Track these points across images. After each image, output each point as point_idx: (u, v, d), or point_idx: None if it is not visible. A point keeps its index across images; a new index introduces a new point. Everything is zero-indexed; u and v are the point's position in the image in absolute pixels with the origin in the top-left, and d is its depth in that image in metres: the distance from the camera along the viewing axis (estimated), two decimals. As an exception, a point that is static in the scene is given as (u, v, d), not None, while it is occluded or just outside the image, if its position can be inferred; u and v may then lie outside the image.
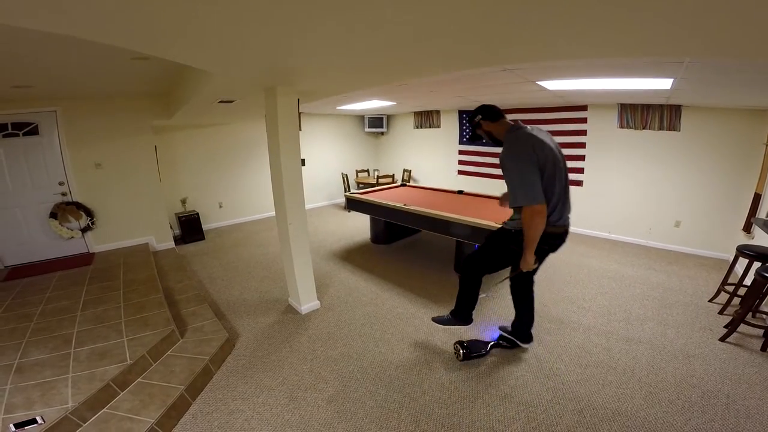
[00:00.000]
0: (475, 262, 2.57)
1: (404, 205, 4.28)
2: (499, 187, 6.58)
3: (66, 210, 4.51)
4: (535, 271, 2.50)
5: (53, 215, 4.44)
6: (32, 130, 4.27)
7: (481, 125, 2.40)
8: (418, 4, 1.27)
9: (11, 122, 4.14)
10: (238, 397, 2.37)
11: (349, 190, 7.74)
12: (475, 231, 3.65)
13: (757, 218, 3.73)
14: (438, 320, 2.82)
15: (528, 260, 2.20)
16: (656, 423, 2.08)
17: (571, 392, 2.35)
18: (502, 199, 2.71)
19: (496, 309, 3.43)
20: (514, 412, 2.19)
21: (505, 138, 2.27)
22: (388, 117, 8.71)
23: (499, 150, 2.27)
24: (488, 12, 1.34)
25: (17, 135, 4.19)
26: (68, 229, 4.55)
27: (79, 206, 4.59)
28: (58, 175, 4.49)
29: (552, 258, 4.73)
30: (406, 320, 3.27)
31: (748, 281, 3.14)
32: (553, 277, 4.18)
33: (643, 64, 2.59)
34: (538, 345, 2.87)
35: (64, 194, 4.55)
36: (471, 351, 2.67)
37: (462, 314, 2.69)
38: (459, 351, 2.68)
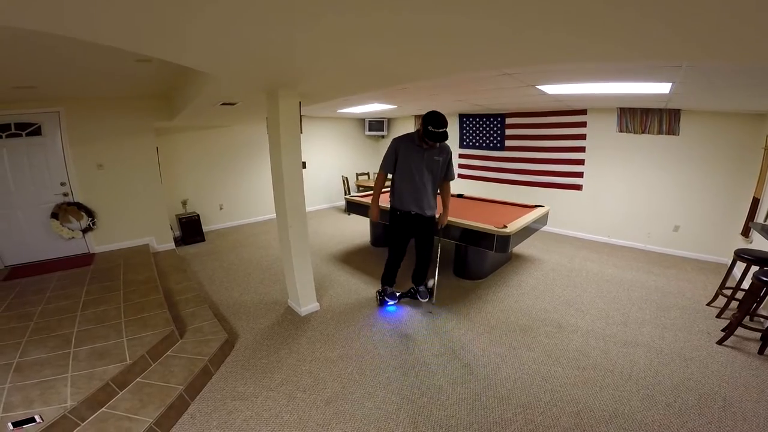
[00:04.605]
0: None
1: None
2: (499, 190, 6.55)
3: (67, 210, 4.53)
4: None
5: (54, 215, 4.46)
6: (35, 131, 4.29)
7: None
8: (422, 10, 1.29)
9: (14, 122, 4.16)
10: (237, 398, 2.38)
11: (350, 193, 7.76)
12: (475, 234, 3.67)
13: (756, 222, 3.75)
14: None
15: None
16: (653, 425, 2.08)
17: (569, 394, 2.36)
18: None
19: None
20: (511, 414, 2.20)
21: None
22: (389, 120, 8.74)
23: (499, 154, 2.26)
24: (494, 17, 1.36)
25: (20, 135, 4.21)
26: (69, 229, 4.57)
27: (80, 207, 4.60)
28: (60, 176, 4.51)
29: (551, 261, 4.80)
30: (405, 323, 3.28)
31: (745, 285, 3.15)
32: (552, 280, 4.20)
33: (642, 68, 2.61)
34: (536, 348, 2.88)
35: (65, 194, 4.57)
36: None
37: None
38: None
